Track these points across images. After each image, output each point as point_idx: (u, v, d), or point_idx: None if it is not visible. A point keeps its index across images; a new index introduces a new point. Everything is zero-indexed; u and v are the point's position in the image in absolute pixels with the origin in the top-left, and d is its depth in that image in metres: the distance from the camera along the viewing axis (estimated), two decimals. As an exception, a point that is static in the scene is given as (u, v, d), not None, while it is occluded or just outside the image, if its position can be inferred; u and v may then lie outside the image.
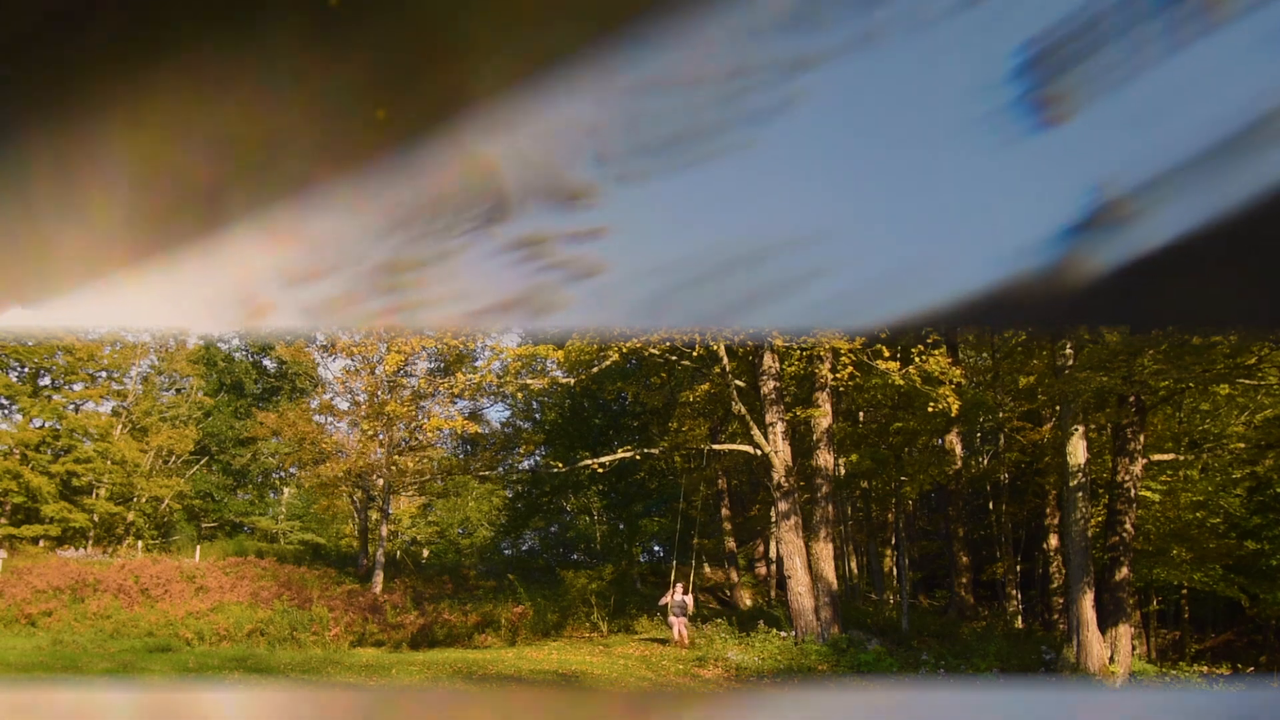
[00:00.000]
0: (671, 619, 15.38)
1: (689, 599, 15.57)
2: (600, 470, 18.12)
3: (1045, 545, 19.58)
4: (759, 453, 15.88)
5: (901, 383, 14.81)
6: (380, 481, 21.55)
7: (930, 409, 15.10)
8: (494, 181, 1.25)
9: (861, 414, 21.39)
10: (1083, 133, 1.13)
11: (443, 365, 22.28)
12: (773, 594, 22.82)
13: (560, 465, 19.53)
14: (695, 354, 16.17)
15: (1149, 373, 12.91)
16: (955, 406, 14.55)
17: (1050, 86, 1.13)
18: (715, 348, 15.70)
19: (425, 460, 22.38)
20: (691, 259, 1.26)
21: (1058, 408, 16.01)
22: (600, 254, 1.27)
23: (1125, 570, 14.57)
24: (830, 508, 16.37)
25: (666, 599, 15.68)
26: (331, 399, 24.49)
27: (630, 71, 1.15)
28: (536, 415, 28.42)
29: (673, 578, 16.91)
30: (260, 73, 1.15)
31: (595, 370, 16.96)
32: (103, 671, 11.26)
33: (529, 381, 17.64)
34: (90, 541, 26.27)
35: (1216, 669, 16.81)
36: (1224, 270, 1.12)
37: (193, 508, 30.50)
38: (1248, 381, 14.07)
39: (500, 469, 22.52)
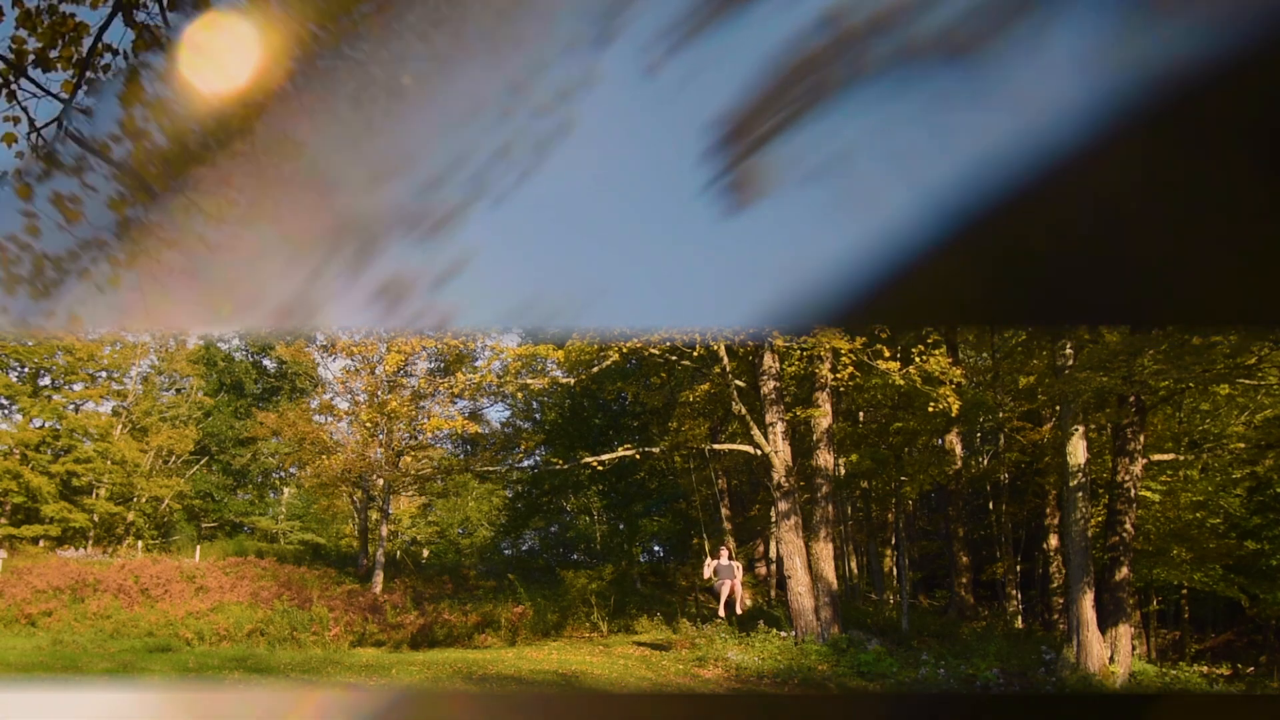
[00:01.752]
0: (723, 584, 14.03)
1: (736, 563, 14.20)
2: (600, 469, 18.11)
3: (1045, 545, 19.59)
4: (759, 453, 15.88)
5: (901, 383, 14.82)
6: (380, 481, 21.55)
7: (930, 409, 15.10)
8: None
9: (861, 414, 21.40)
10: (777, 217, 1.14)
11: (443, 365, 22.28)
12: (773, 594, 22.82)
13: (560, 462, 19.52)
14: (695, 354, 16.17)
15: (1149, 373, 12.91)
16: (955, 406, 14.56)
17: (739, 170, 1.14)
18: (715, 348, 15.71)
19: (425, 460, 22.39)
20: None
21: (1058, 408, 16.01)
22: None
23: (1125, 570, 14.57)
24: (830, 508, 16.37)
25: (710, 569, 14.13)
26: (331, 399, 24.52)
27: None
28: (536, 415, 28.41)
29: (708, 547, 15.88)
30: None
31: (595, 370, 16.97)
32: (103, 671, 11.26)
33: (529, 381, 17.65)
34: (90, 541, 26.28)
35: (1216, 669, 16.81)
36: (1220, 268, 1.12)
37: (193, 508, 30.51)
38: (1248, 381, 14.07)
39: (500, 469, 22.51)
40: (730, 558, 14.41)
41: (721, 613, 14.23)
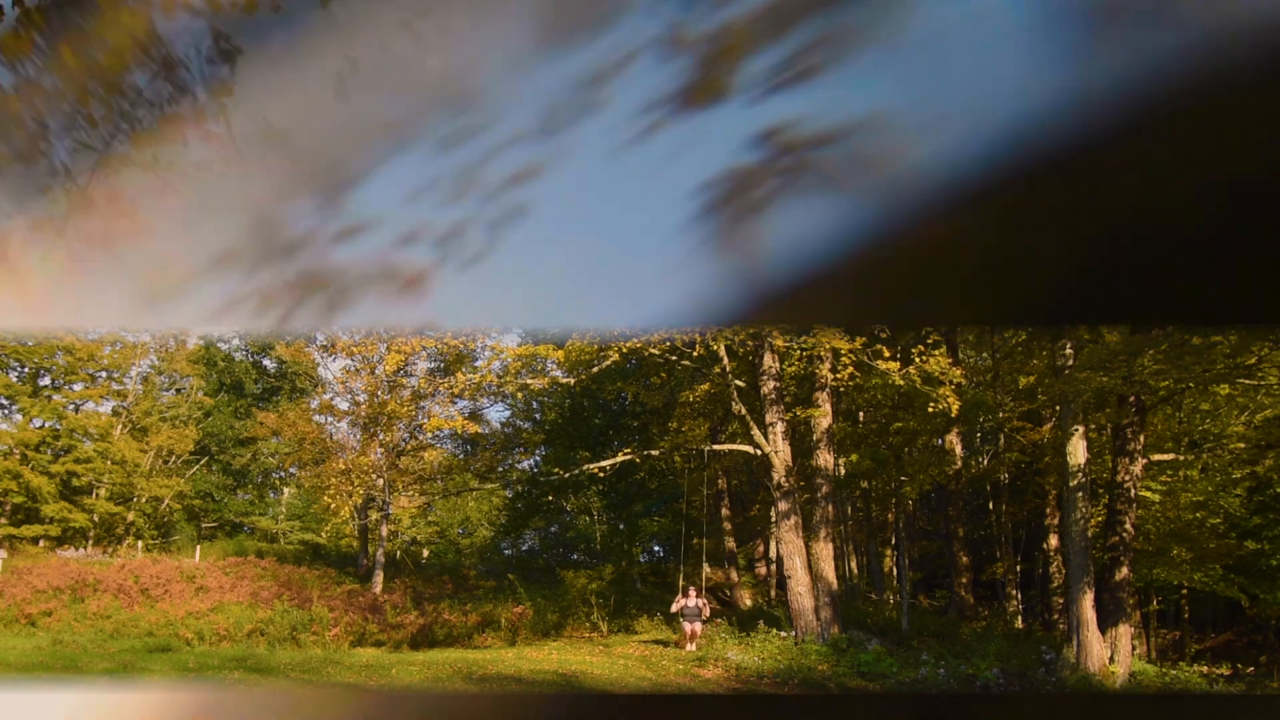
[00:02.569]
0: (685, 625, 15.08)
1: (703, 603, 15.15)
2: (600, 474, 18.13)
3: (1045, 545, 19.59)
4: (759, 453, 15.88)
5: (901, 383, 14.82)
6: (380, 481, 21.55)
7: (930, 409, 15.11)
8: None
9: (861, 414, 21.40)
10: None
11: (443, 365, 22.28)
12: (773, 594, 22.82)
13: (560, 471, 19.44)
14: (695, 354, 16.17)
15: (1149, 373, 12.90)
16: (955, 406, 14.56)
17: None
18: (715, 348, 15.71)
19: (425, 461, 22.39)
20: None
21: (1058, 408, 16.01)
22: None
23: (1125, 570, 14.57)
24: (830, 508, 16.38)
25: (678, 605, 15.26)
26: (331, 399, 24.51)
27: None
28: (536, 415, 28.41)
29: (681, 582, 16.60)
30: None
31: (595, 370, 16.96)
32: (103, 671, 11.26)
33: (529, 381, 17.65)
34: (90, 541, 26.28)
35: (1216, 669, 16.81)
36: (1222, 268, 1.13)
37: (193, 508, 30.51)
38: (1248, 381, 14.07)
39: (501, 468, 22.51)
40: (698, 596, 14.96)
41: (690, 646, 14.86)
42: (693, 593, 15.21)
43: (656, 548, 29.59)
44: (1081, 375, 13.42)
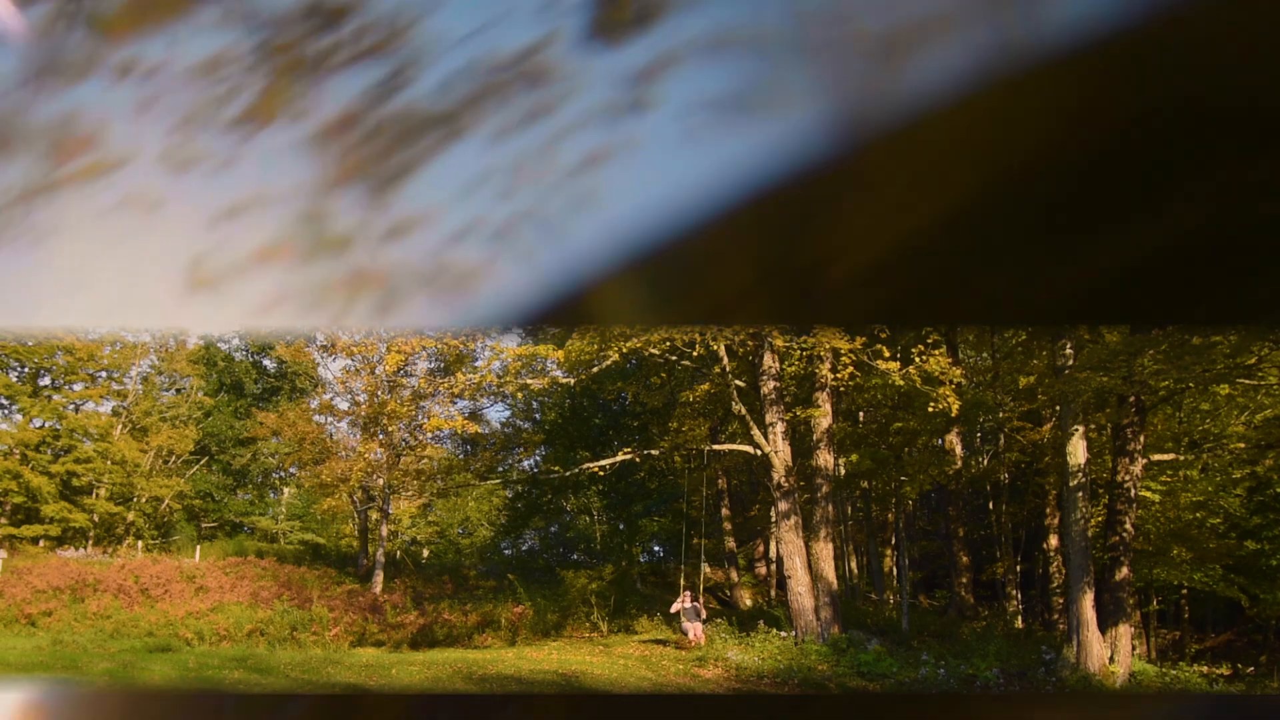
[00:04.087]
0: (685, 625, 15.25)
1: (700, 605, 15.40)
2: (600, 473, 18.13)
3: (1045, 545, 19.58)
4: (759, 453, 15.88)
5: (901, 383, 14.82)
6: (380, 481, 21.56)
7: (930, 409, 15.10)
8: None
9: (861, 414, 21.40)
10: None
11: (443, 365, 22.29)
12: (773, 594, 22.82)
13: (559, 470, 19.48)
14: (695, 354, 16.18)
15: (1149, 373, 12.90)
16: (955, 406, 14.56)
17: None
18: (715, 347, 15.71)
19: (425, 461, 22.39)
20: None
21: (1058, 408, 16.00)
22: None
23: (1125, 570, 14.57)
24: (830, 508, 16.38)
25: (677, 607, 15.48)
26: (331, 399, 24.52)
27: None
28: (536, 415, 28.42)
29: (681, 584, 16.77)
30: None
31: (595, 370, 16.96)
32: (103, 671, 11.26)
33: (529, 381, 17.64)
34: (90, 541, 26.28)
35: (1216, 669, 16.81)
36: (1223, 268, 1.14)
37: (193, 508, 30.51)
38: (1248, 381, 14.07)
39: (501, 468, 22.50)
40: (695, 599, 15.13)
41: (687, 648, 14.94)
42: (688, 595, 15.47)
43: (656, 548, 29.60)
44: (1081, 375, 13.42)
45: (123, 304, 1.27)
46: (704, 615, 15.53)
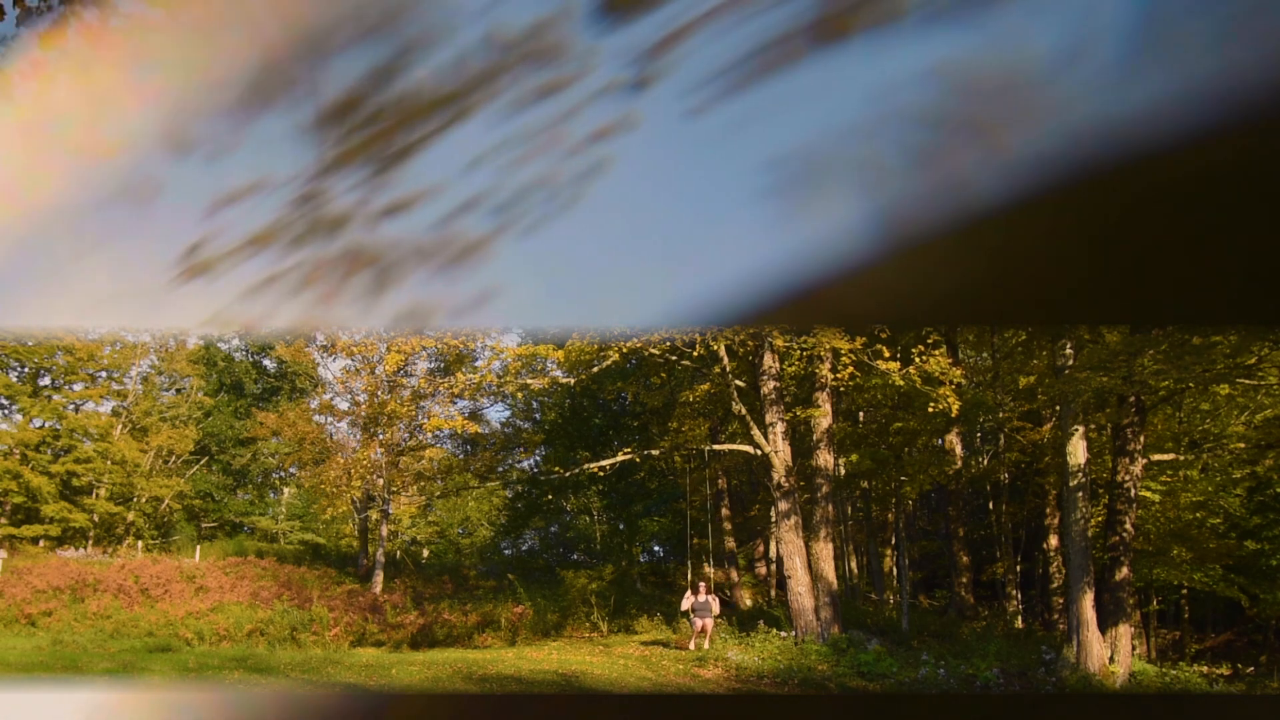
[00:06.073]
0: (696, 620, 15.17)
1: (713, 599, 15.31)
2: (600, 473, 18.12)
3: (1045, 545, 19.57)
4: (759, 453, 15.88)
5: (901, 383, 14.82)
6: (380, 481, 21.55)
7: (930, 409, 15.10)
8: None
9: (861, 414, 21.39)
10: None
11: (443, 365, 22.29)
12: (773, 594, 22.82)
13: (559, 470, 19.47)
14: (695, 354, 16.17)
15: (1149, 373, 12.90)
16: (955, 406, 14.55)
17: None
18: (715, 348, 15.71)
19: (425, 460, 22.40)
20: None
21: (1058, 408, 16.00)
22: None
23: (1125, 570, 14.57)
24: (830, 508, 16.37)
25: (689, 603, 15.40)
26: (331, 399, 24.52)
27: None
28: (536, 415, 28.42)
29: (690, 580, 16.73)
30: None
31: (595, 370, 16.96)
32: (103, 671, 11.26)
33: (529, 381, 17.64)
34: (90, 541, 26.28)
35: (1216, 669, 16.80)
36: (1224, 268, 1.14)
37: (193, 508, 30.51)
38: (1248, 381, 14.06)
39: (501, 468, 22.50)
40: (708, 593, 15.08)
41: (691, 645, 14.98)
42: (703, 589, 15.35)
43: (656, 548, 29.59)
44: (1081, 375, 13.42)
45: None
46: (717, 610, 15.35)
